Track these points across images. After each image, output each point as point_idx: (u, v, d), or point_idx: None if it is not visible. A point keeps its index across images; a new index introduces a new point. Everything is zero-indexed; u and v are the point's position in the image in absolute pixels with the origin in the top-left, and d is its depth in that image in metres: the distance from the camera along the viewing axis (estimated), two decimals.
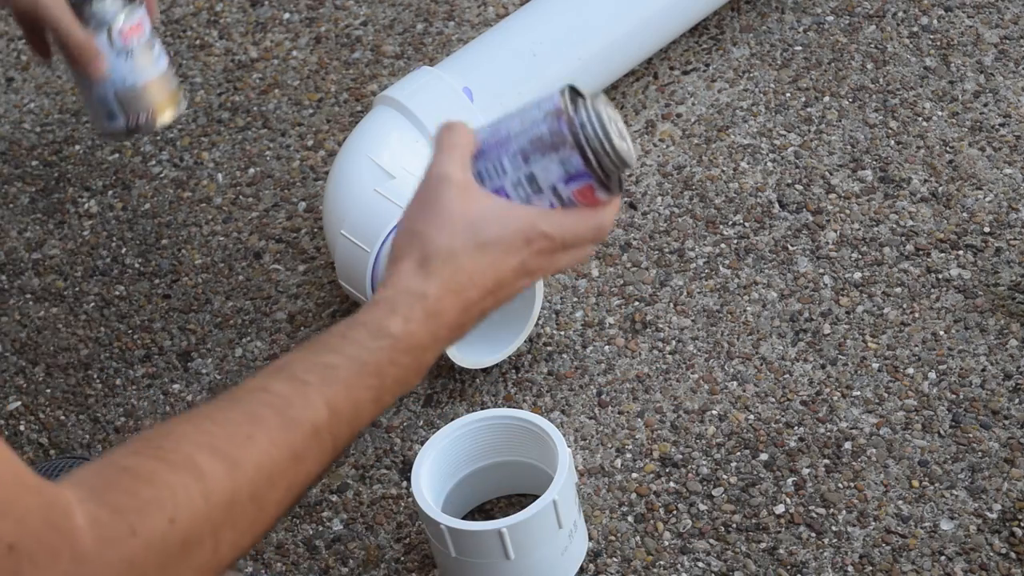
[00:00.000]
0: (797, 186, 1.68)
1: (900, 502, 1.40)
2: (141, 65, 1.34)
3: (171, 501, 0.87)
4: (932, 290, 1.56)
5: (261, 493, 0.92)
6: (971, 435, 1.44)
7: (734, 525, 1.41)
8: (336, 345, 0.99)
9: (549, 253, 1.03)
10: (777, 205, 1.66)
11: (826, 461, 1.44)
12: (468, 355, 1.53)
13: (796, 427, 1.47)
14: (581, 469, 1.47)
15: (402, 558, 1.44)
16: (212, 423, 0.93)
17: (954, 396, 1.47)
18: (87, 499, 0.85)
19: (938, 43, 1.80)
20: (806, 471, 1.44)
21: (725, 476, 1.45)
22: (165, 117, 1.38)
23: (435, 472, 1.40)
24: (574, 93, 1.01)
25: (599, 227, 1.04)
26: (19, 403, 1.64)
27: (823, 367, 1.52)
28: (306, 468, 0.95)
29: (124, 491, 0.86)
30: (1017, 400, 1.46)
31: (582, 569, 1.40)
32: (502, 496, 1.47)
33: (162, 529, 0.86)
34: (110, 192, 1.83)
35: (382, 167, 1.54)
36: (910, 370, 1.50)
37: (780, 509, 1.42)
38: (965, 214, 1.62)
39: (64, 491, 0.85)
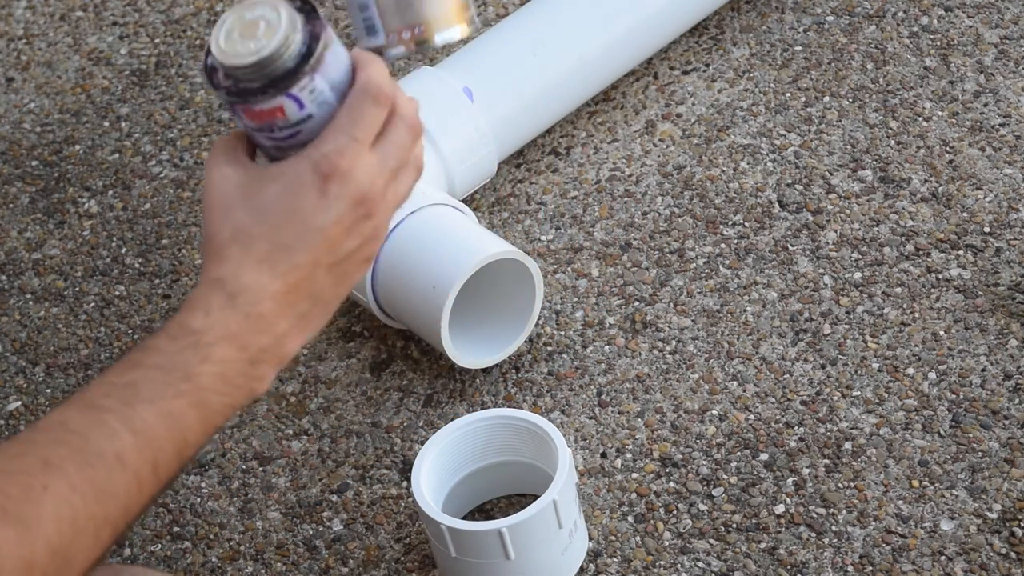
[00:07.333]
0: (797, 186, 1.68)
1: (900, 502, 1.40)
2: None
3: None
4: (932, 290, 1.56)
5: (65, 544, 0.83)
6: (971, 435, 1.44)
7: (734, 525, 1.41)
8: (137, 359, 0.89)
9: (364, 171, 0.90)
10: (777, 205, 1.66)
11: (826, 461, 1.44)
12: (468, 355, 1.53)
13: (796, 427, 1.47)
14: (581, 469, 1.47)
15: (402, 558, 1.44)
16: (5, 477, 0.83)
17: (954, 396, 1.47)
18: None
19: (938, 43, 1.80)
20: (806, 471, 1.44)
21: (725, 476, 1.45)
22: (447, 34, 1.06)
23: (435, 472, 1.40)
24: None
25: (376, 91, 0.90)
26: (19, 403, 1.64)
27: (823, 367, 1.52)
28: (119, 503, 0.86)
29: None
30: (1017, 400, 1.46)
31: (582, 569, 1.40)
32: (502, 496, 1.47)
33: None
34: (110, 192, 1.83)
35: None
36: (910, 370, 1.50)
37: (780, 509, 1.42)
38: (965, 214, 1.62)
39: None
